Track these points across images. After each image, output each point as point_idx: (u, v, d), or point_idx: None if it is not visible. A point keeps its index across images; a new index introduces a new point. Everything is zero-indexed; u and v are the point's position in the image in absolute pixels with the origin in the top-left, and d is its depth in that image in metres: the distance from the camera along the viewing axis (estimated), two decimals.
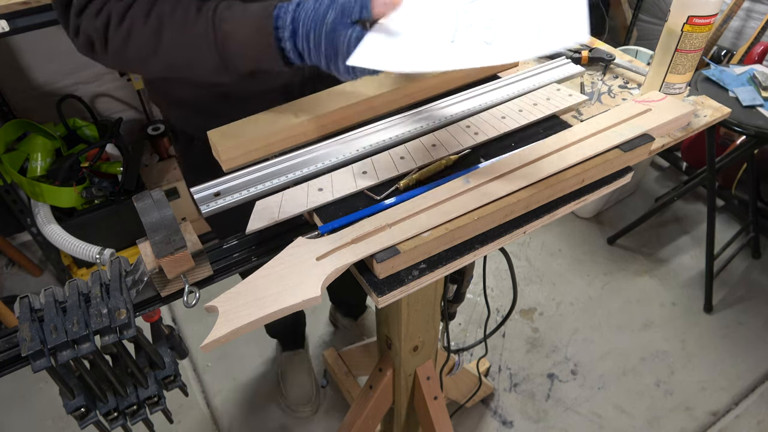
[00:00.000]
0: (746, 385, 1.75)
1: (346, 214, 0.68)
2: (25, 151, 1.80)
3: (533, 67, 0.93)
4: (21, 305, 0.56)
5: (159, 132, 2.12)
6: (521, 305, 1.99)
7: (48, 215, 1.77)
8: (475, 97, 0.85)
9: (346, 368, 1.65)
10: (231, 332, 0.54)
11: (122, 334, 0.55)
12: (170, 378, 0.65)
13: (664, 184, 2.47)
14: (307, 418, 1.68)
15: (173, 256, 0.58)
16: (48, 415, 1.69)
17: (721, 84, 1.68)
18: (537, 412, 1.70)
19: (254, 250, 0.68)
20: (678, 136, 0.85)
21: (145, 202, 0.64)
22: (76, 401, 0.59)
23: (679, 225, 2.29)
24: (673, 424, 1.66)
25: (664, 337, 1.88)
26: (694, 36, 0.81)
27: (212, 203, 0.69)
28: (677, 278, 2.07)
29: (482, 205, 0.67)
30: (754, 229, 2.06)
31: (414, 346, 1.05)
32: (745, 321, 1.93)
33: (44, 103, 1.98)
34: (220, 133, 0.75)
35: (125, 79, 2.08)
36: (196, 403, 1.74)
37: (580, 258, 2.16)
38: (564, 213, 0.74)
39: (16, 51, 1.88)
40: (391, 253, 0.62)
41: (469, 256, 0.67)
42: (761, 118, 1.58)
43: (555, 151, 0.73)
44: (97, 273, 0.59)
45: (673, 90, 0.88)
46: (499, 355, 1.84)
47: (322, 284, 0.58)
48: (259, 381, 1.78)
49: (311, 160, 0.75)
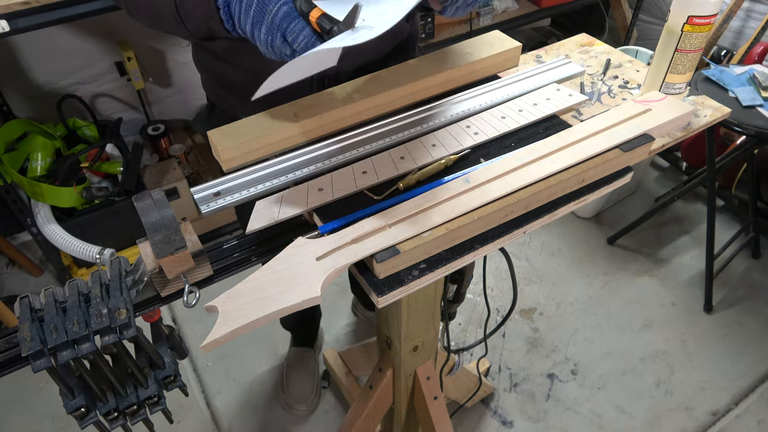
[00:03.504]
0: (746, 385, 1.75)
1: (346, 214, 0.68)
2: (25, 151, 1.80)
3: (533, 67, 0.93)
4: (21, 305, 0.56)
5: (159, 132, 2.13)
6: (521, 305, 1.99)
7: (48, 215, 1.77)
8: (475, 97, 0.85)
9: (346, 368, 1.65)
10: (231, 332, 0.54)
11: (122, 334, 0.55)
12: (170, 378, 0.65)
13: (664, 184, 2.47)
14: (302, 416, 1.68)
15: (173, 256, 0.58)
16: (48, 415, 1.69)
17: (721, 84, 1.68)
18: (537, 412, 1.70)
19: (254, 250, 0.68)
20: (678, 136, 0.85)
21: (145, 202, 0.64)
22: (76, 401, 0.59)
23: (679, 225, 2.29)
24: (673, 424, 1.66)
25: (664, 337, 1.88)
26: (694, 36, 0.81)
27: (212, 203, 0.69)
28: (677, 278, 2.07)
29: (482, 205, 0.67)
30: (754, 229, 2.06)
31: (414, 346, 1.05)
32: (745, 321, 1.93)
33: (44, 103, 1.98)
34: (221, 133, 0.75)
35: (125, 79, 2.08)
36: (196, 403, 1.74)
37: (580, 258, 2.16)
38: (564, 213, 0.74)
39: (16, 51, 1.88)
40: (391, 253, 0.62)
41: (469, 256, 0.67)
42: (761, 118, 1.58)
43: (555, 151, 0.73)
44: (97, 273, 0.59)
45: (673, 90, 0.88)
46: (499, 355, 1.84)
47: (322, 284, 0.58)
48: (259, 381, 1.78)
49: (311, 160, 0.75)
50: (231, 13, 0.66)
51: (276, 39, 0.63)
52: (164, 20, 0.74)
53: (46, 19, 1.46)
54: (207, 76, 1.03)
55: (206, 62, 1.01)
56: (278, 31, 0.63)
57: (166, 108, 2.30)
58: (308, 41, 0.62)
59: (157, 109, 2.29)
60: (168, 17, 0.73)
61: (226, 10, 0.66)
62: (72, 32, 1.93)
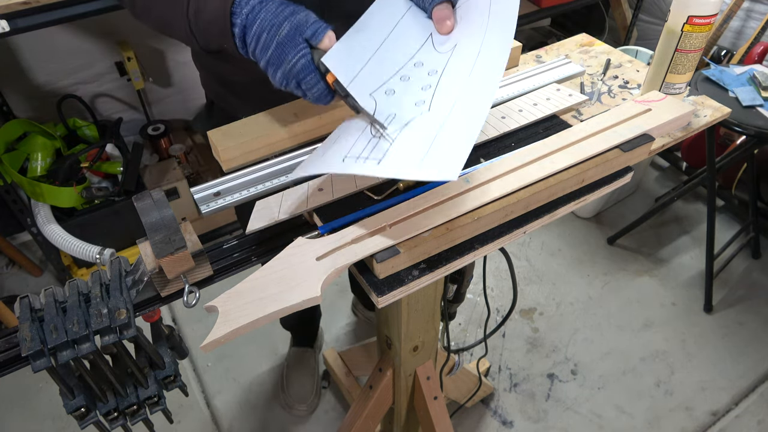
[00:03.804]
0: (746, 385, 1.75)
1: (346, 214, 0.68)
2: (25, 151, 1.80)
3: (533, 67, 0.93)
4: (21, 305, 0.56)
5: (159, 132, 2.13)
6: (521, 305, 1.99)
7: (48, 215, 1.77)
8: None
9: (346, 368, 1.65)
10: (231, 332, 0.54)
11: (122, 334, 0.55)
12: (170, 378, 0.65)
13: (664, 184, 2.47)
14: (302, 416, 1.68)
15: (173, 256, 0.58)
16: (48, 415, 1.69)
17: (721, 84, 1.68)
18: (537, 412, 1.70)
19: (254, 250, 0.68)
20: (678, 136, 0.85)
21: (145, 202, 0.64)
22: (76, 401, 0.59)
23: (679, 225, 2.29)
24: (673, 424, 1.66)
25: (664, 337, 1.88)
26: (694, 36, 0.81)
27: (212, 203, 0.69)
28: (677, 278, 2.07)
29: (482, 205, 0.67)
30: (754, 229, 2.06)
31: (414, 346, 1.05)
32: (745, 321, 1.93)
33: (44, 103, 1.98)
34: (221, 133, 0.75)
35: (125, 79, 2.08)
36: (196, 403, 1.74)
37: (580, 258, 2.16)
38: (564, 213, 0.74)
39: (16, 51, 1.88)
40: (391, 253, 0.62)
41: (469, 256, 0.67)
42: (761, 118, 1.58)
43: (555, 151, 0.73)
44: (97, 273, 0.59)
45: (673, 90, 0.88)
46: (499, 355, 1.84)
47: (322, 284, 0.58)
48: (259, 381, 1.78)
49: None
50: (246, 42, 0.67)
51: (290, 84, 0.66)
52: (175, 32, 0.74)
53: (46, 19, 1.46)
54: (206, 75, 1.03)
55: (206, 61, 1.01)
56: (294, 78, 0.65)
57: (166, 108, 2.30)
58: (321, 93, 0.66)
59: (157, 109, 2.29)
60: (179, 29, 0.72)
61: (242, 38, 0.67)
62: (72, 32, 1.93)
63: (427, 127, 0.62)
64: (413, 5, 0.76)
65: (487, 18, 0.68)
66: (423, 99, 0.66)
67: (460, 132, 0.59)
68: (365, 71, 0.67)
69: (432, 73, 0.68)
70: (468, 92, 0.64)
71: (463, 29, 0.71)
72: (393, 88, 0.68)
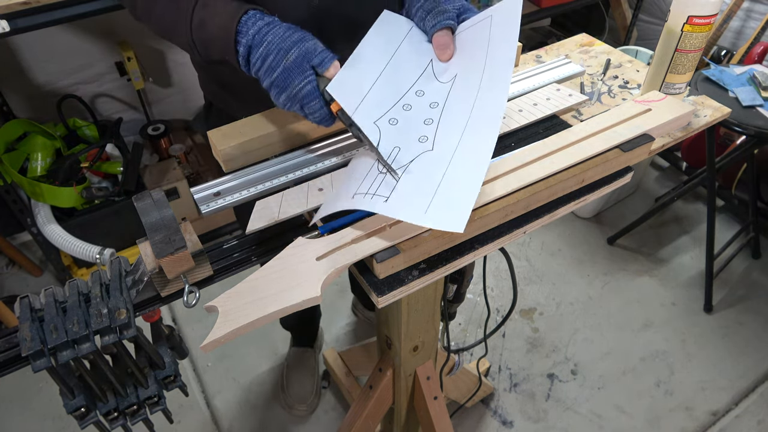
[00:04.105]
0: (746, 385, 1.75)
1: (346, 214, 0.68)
2: (25, 151, 1.80)
3: (533, 67, 0.93)
4: (21, 305, 0.56)
5: (159, 132, 2.12)
6: (521, 305, 1.99)
7: (48, 215, 1.77)
8: None
9: (346, 368, 1.65)
10: (231, 332, 0.54)
11: (122, 334, 0.55)
12: (170, 378, 0.65)
13: (664, 184, 2.47)
14: (302, 416, 1.68)
15: (173, 256, 0.58)
16: (48, 415, 1.69)
17: (721, 84, 1.68)
18: (537, 412, 1.70)
19: (254, 250, 0.68)
20: (678, 136, 0.85)
21: (145, 202, 0.64)
22: (76, 401, 0.59)
23: (679, 225, 2.29)
24: (673, 424, 1.66)
25: (664, 337, 1.88)
26: (694, 36, 0.81)
27: (212, 203, 0.69)
28: (677, 278, 2.07)
29: (483, 205, 0.67)
30: (754, 229, 2.06)
31: (414, 346, 1.05)
32: (745, 321, 1.93)
33: (44, 103, 1.98)
34: (221, 133, 0.75)
35: (125, 79, 2.08)
36: (196, 403, 1.74)
37: (580, 258, 2.16)
38: (564, 213, 0.74)
39: (16, 51, 1.88)
40: (391, 253, 0.62)
41: (469, 256, 0.67)
42: (761, 118, 1.58)
43: (555, 151, 0.73)
44: (97, 273, 0.59)
45: (673, 90, 0.88)
46: (499, 355, 1.84)
47: (322, 284, 0.58)
48: (259, 381, 1.78)
49: (311, 160, 0.75)
50: (249, 61, 0.68)
51: (294, 107, 0.68)
52: (176, 40, 0.74)
53: (46, 19, 1.46)
54: (205, 76, 1.03)
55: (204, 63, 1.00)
56: (298, 102, 0.67)
57: (166, 108, 2.30)
58: (323, 117, 0.68)
59: (157, 109, 2.29)
60: (181, 39, 0.73)
61: (245, 57, 0.68)
62: (72, 32, 1.93)
63: (431, 169, 0.63)
64: (414, 26, 0.76)
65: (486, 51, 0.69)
66: (426, 135, 0.67)
67: (464, 181, 0.60)
68: (368, 99, 0.69)
69: (433, 105, 0.70)
70: (470, 132, 0.65)
71: (463, 60, 0.72)
72: (396, 117, 0.69)
